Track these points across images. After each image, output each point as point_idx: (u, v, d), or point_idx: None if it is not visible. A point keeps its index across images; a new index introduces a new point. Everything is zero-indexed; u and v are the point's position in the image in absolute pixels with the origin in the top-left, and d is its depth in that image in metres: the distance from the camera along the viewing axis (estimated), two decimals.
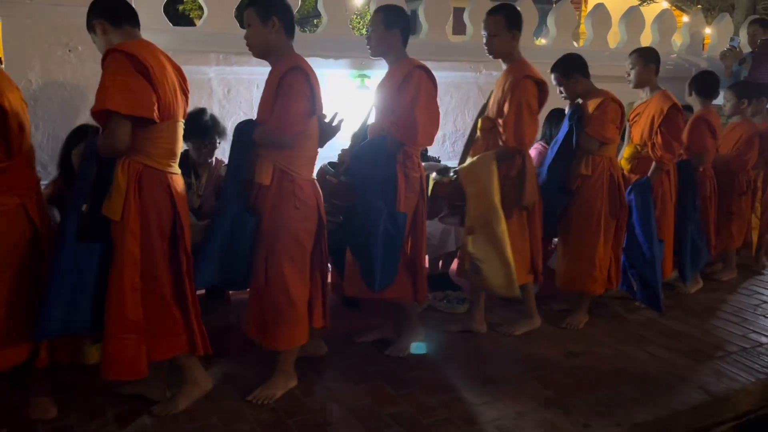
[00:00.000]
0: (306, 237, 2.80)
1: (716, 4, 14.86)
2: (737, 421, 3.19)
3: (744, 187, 4.67)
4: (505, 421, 2.75)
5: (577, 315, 3.82)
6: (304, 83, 2.66)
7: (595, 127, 3.54)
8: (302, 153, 2.76)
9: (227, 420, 2.68)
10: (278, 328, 2.79)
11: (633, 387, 3.09)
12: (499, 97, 3.38)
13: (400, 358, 3.29)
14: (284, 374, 2.91)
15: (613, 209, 3.66)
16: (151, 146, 2.47)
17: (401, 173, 3.06)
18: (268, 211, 2.73)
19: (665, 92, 3.84)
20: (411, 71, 3.03)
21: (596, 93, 3.63)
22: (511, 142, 3.31)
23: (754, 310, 4.20)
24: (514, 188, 3.37)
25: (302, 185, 2.76)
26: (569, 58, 3.71)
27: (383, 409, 2.82)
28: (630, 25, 6.05)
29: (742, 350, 3.57)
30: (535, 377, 3.15)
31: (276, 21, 2.67)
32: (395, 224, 3.00)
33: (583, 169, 3.61)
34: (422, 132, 3.03)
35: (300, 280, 2.80)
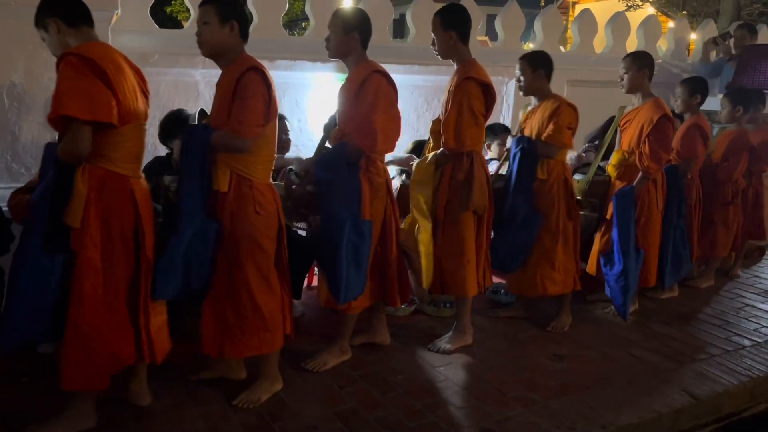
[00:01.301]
0: (268, 242, 2.75)
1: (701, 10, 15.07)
2: (720, 423, 3.23)
3: (729, 196, 4.61)
4: (490, 424, 2.76)
5: (561, 319, 3.82)
6: (261, 84, 2.61)
7: (555, 136, 3.51)
8: (260, 157, 2.69)
9: (213, 424, 2.67)
10: (244, 335, 2.72)
11: (618, 390, 3.12)
12: (445, 99, 3.34)
13: (389, 360, 3.29)
14: (268, 378, 2.89)
15: (569, 212, 3.67)
16: (112, 151, 2.41)
17: (365, 179, 2.99)
18: (228, 218, 2.66)
19: (657, 100, 3.81)
20: (368, 76, 2.95)
21: (550, 97, 3.61)
22: (450, 143, 3.24)
23: (736, 313, 4.24)
24: (461, 191, 3.31)
25: (261, 190, 2.71)
26: (542, 55, 3.68)
27: (369, 412, 2.82)
28: (616, 30, 6.10)
29: (725, 353, 3.60)
30: (521, 380, 3.16)
31: (235, 25, 2.64)
32: (360, 234, 2.94)
33: (540, 174, 3.59)
34: (382, 138, 2.94)
35: (266, 287, 2.74)
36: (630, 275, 3.76)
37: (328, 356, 3.21)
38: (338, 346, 3.26)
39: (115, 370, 2.52)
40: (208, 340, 2.75)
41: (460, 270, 3.36)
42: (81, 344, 2.39)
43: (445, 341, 3.48)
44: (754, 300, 4.50)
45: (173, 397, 2.82)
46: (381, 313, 3.44)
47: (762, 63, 5.60)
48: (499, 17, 5.49)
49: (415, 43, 4.89)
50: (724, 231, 4.67)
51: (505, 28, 5.46)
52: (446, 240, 3.36)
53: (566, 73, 5.61)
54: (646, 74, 3.83)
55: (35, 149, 3.57)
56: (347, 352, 3.27)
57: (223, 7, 2.62)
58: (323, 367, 3.16)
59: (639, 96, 3.87)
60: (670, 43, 6.64)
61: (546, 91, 3.64)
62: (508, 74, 5.30)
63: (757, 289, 4.75)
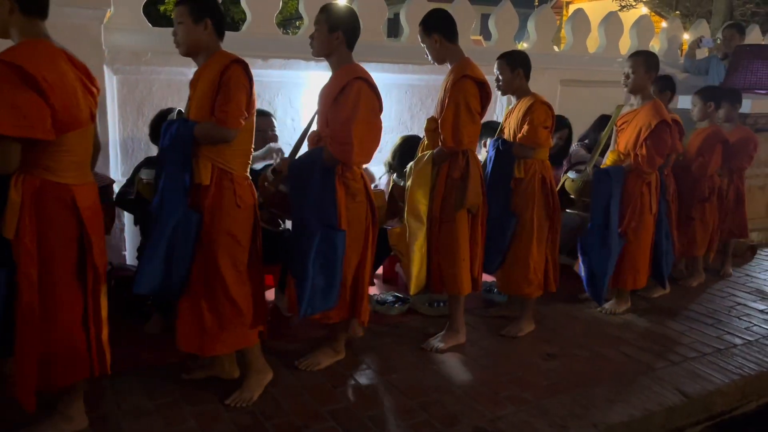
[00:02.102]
0: (245, 237, 2.74)
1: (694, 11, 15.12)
2: (712, 421, 3.25)
3: (706, 193, 4.61)
4: (483, 423, 2.77)
5: (520, 322, 3.73)
6: (244, 76, 2.62)
7: (529, 135, 3.49)
8: (240, 149, 2.70)
9: (205, 423, 2.67)
10: (222, 330, 2.71)
11: (609, 388, 3.13)
12: (441, 97, 3.31)
13: (382, 359, 3.30)
14: (257, 373, 2.89)
15: (546, 211, 3.64)
16: (50, 160, 2.26)
17: (341, 185, 2.92)
18: (207, 211, 2.64)
19: (656, 103, 3.80)
20: (350, 82, 2.85)
21: (528, 95, 3.59)
22: (449, 142, 3.23)
23: (728, 312, 4.26)
24: (457, 190, 3.31)
25: (242, 183, 2.71)
26: (520, 54, 3.67)
27: (362, 411, 2.82)
28: (609, 30, 6.12)
29: (716, 351, 3.62)
30: (513, 379, 3.17)
31: (209, 23, 2.63)
32: (332, 245, 2.87)
33: (516, 173, 3.58)
34: (358, 150, 2.83)
35: (240, 281, 2.73)
36: (612, 256, 3.79)
37: (321, 356, 3.20)
38: (332, 346, 3.24)
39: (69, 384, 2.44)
40: (186, 338, 2.74)
41: (454, 268, 3.36)
42: (27, 360, 2.29)
43: (438, 340, 3.48)
44: (745, 299, 4.52)
45: (166, 396, 2.81)
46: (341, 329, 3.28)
47: (754, 63, 5.63)
48: (492, 17, 5.49)
49: (409, 42, 4.89)
50: (701, 228, 4.66)
51: (498, 27, 5.47)
52: (441, 238, 3.36)
53: (559, 72, 5.64)
54: (652, 77, 3.83)
55: None
56: (341, 352, 3.27)
57: (196, 6, 2.62)
58: (317, 366, 3.15)
59: (639, 97, 3.86)
60: (663, 43, 6.67)
61: (524, 89, 3.62)
62: None
63: (748, 287, 4.77)
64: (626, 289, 4.11)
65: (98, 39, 3.66)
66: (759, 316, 4.20)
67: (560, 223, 3.78)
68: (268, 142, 3.76)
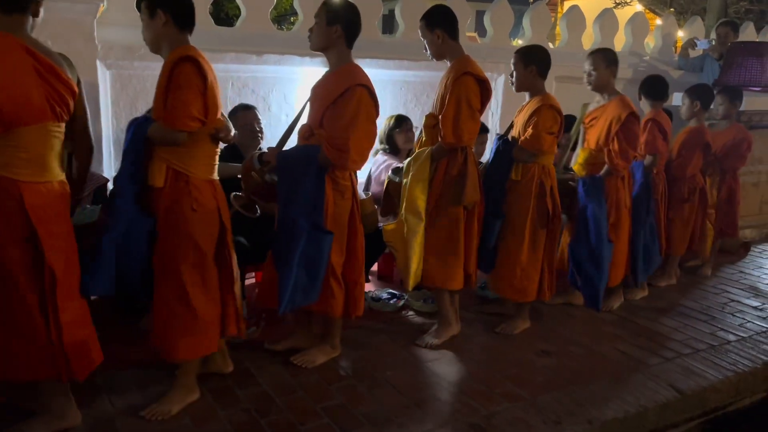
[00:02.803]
0: (206, 242, 2.63)
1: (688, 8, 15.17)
2: (706, 417, 3.26)
3: (686, 194, 4.57)
4: (478, 419, 2.77)
5: (515, 321, 3.73)
6: (195, 75, 2.48)
7: (531, 141, 3.43)
8: (198, 152, 2.59)
9: (199, 420, 2.66)
10: (178, 337, 2.62)
11: (604, 385, 3.13)
12: (441, 94, 3.28)
13: (376, 356, 3.29)
14: (183, 388, 2.75)
15: (540, 218, 3.54)
16: None
17: (329, 182, 2.93)
18: (163, 214, 2.57)
19: (623, 98, 3.77)
20: (352, 87, 2.84)
21: (541, 96, 3.51)
22: (449, 138, 3.21)
23: (722, 308, 4.28)
24: (455, 186, 3.29)
25: (199, 186, 2.59)
26: (536, 50, 3.59)
27: (356, 408, 2.82)
28: (604, 27, 6.12)
29: (710, 348, 3.63)
30: (508, 376, 3.17)
31: (161, 14, 2.53)
32: (318, 247, 2.86)
33: (513, 175, 3.53)
34: (355, 158, 2.87)
35: (202, 288, 2.63)
36: (604, 264, 3.75)
37: (317, 353, 3.20)
38: (328, 343, 3.24)
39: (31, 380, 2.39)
40: (153, 338, 2.70)
41: (447, 264, 3.36)
42: None
43: (431, 335, 3.49)
44: (739, 295, 4.54)
45: (160, 393, 2.79)
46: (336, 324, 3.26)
47: (748, 60, 5.64)
48: (488, 13, 5.49)
49: (404, 38, 4.88)
50: (680, 228, 4.62)
51: (494, 24, 5.46)
52: (436, 234, 3.34)
53: (554, 69, 5.56)
54: (614, 72, 3.80)
55: None
56: (337, 349, 3.27)
57: (147, 1, 2.55)
58: (312, 363, 3.15)
59: (605, 93, 3.83)
60: (658, 40, 6.67)
61: (537, 88, 3.55)
62: (497, 70, 5.30)
63: (742, 284, 4.79)
64: (613, 286, 4.07)
65: (91, 34, 3.63)
66: (752, 312, 4.21)
67: (559, 231, 3.74)
68: (254, 137, 3.75)
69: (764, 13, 13.96)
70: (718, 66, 6.02)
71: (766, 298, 4.48)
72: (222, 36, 4.22)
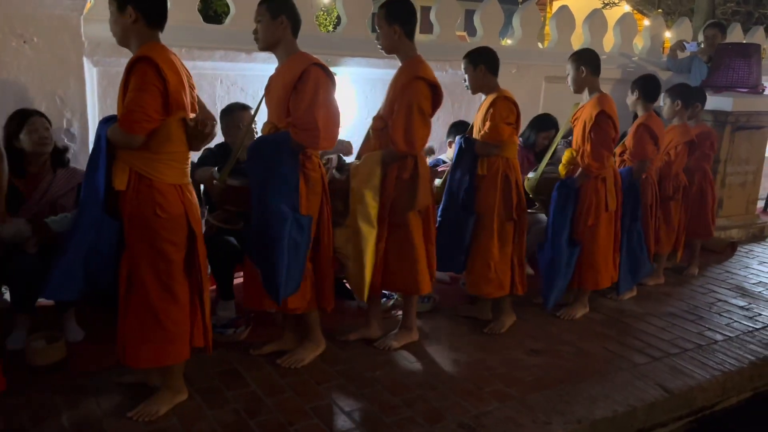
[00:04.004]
0: (171, 248, 2.54)
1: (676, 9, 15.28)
2: (693, 416, 3.28)
3: (670, 192, 4.57)
4: (468, 419, 2.77)
5: (500, 319, 3.72)
6: (153, 76, 2.39)
7: (490, 133, 3.43)
8: (161, 155, 2.49)
9: (187, 420, 2.64)
10: (141, 344, 2.56)
11: (593, 384, 3.14)
12: (391, 97, 3.18)
13: (366, 355, 3.28)
14: (170, 389, 2.73)
15: (507, 211, 3.55)
16: None
17: (301, 175, 2.89)
18: (127, 219, 2.50)
19: (600, 97, 3.71)
20: (307, 69, 2.81)
21: (494, 91, 3.53)
22: (401, 146, 3.10)
23: (709, 308, 4.30)
24: (406, 191, 3.21)
25: (164, 190, 2.51)
26: (482, 51, 3.59)
27: (346, 408, 2.81)
28: (593, 27, 6.15)
29: (697, 347, 3.65)
30: (498, 375, 3.17)
31: (131, 10, 2.47)
32: (301, 229, 2.83)
33: (479, 170, 3.52)
34: (324, 134, 2.82)
35: (167, 295, 2.56)
36: (557, 266, 3.74)
37: (303, 352, 3.18)
38: (311, 340, 3.21)
39: None
40: (117, 344, 2.62)
41: (412, 270, 3.28)
42: None
43: (391, 338, 3.42)
44: (726, 295, 4.57)
45: (147, 394, 2.77)
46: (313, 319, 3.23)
47: (735, 61, 5.69)
48: (478, 13, 5.50)
49: None
50: (665, 227, 4.62)
51: (483, 23, 5.47)
52: (395, 241, 3.26)
53: (544, 69, 5.65)
54: (589, 71, 3.73)
55: None
56: (321, 344, 3.24)
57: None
58: (299, 363, 3.13)
59: (586, 93, 3.79)
60: (646, 40, 6.71)
61: (491, 86, 3.56)
62: None
63: (729, 284, 4.82)
64: (586, 291, 4.02)
65: (78, 30, 3.59)
66: (739, 312, 4.24)
67: (526, 224, 3.71)
68: (254, 136, 3.71)
69: (751, 15, 14.08)
70: (706, 67, 6.07)
71: (752, 298, 4.52)
72: (211, 34, 4.19)
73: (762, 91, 5.79)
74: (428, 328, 3.67)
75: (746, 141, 5.84)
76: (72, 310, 3.30)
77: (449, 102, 5.06)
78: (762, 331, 3.93)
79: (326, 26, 21.22)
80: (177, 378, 2.75)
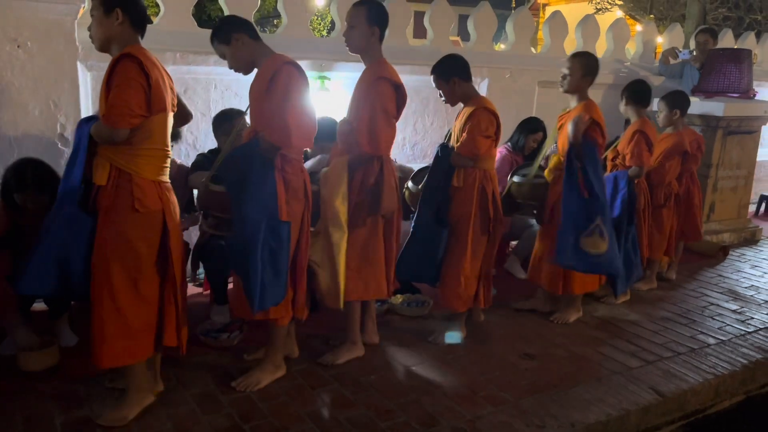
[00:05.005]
0: (143, 245, 2.54)
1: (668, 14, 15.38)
2: (686, 420, 3.29)
3: (662, 199, 4.59)
4: (462, 423, 2.77)
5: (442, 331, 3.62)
6: (136, 72, 2.42)
7: (467, 145, 3.34)
8: (142, 150, 2.51)
9: (182, 426, 2.63)
10: (103, 341, 2.51)
11: (587, 388, 3.15)
12: (356, 99, 3.13)
13: (360, 360, 3.28)
14: (137, 391, 2.68)
15: (483, 224, 3.46)
16: None
17: (280, 179, 2.80)
18: (103, 213, 2.51)
19: (587, 103, 3.64)
20: (279, 68, 2.75)
21: (474, 99, 3.44)
22: (365, 147, 3.05)
23: (701, 312, 4.32)
24: (372, 195, 3.14)
25: (143, 186, 2.52)
26: (449, 61, 3.48)
27: (340, 412, 2.81)
28: (586, 32, 6.18)
29: (690, 351, 3.67)
30: (492, 379, 3.18)
31: (119, 13, 2.47)
32: (277, 236, 2.75)
33: (455, 181, 3.42)
34: (296, 133, 2.74)
35: (132, 292, 2.53)
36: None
37: (260, 374, 3.00)
38: (271, 361, 3.05)
39: None
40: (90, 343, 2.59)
41: (364, 275, 3.21)
42: None
43: (332, 354, 3.28)
44: (718, 299, 4.59)
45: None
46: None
47: (726, 66, 5.73)
48: (471, 18, 5.52)
49: (388, 42, 4.88)
50: (657, 233, 4.63)
51: (477, 28, 5.50)
52: (353, 244, 3.17)
53: (537, 74, 5.68)
54: (589, 81, 3.68)
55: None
56: (281, 368, 3.09)
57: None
58: (255, 386, 2.96)
59: (575, 98, 3.72)
60: (638, 45, 6.76)
61: (468, 95, 3.47)
62: (480, 74, 5.33)
63: (721, 288, 4.85)
64: (575, 295, 3.98)
65: (72, 35, 3.59)
66: (731, 316, 4.27)
67: (500, 238, 3.64)
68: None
69: (742, 20, 14.18)
70: (698, 73, 6.10)
71: (744, 302, 4.55)
72: (205, 38, 4.14)
73: (753, 96, 5.84)
74: (422, 332, 3.67)
75: (737, 146, 5.88)
76: (65, 315, 3.30)
77: (444, 107, 5.08)
78: (754, 335, 3.95)
79: (320, 31, 21.25)
80: (141, 377, 2.69)
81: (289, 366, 3.14)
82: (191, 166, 3.67)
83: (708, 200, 5.79)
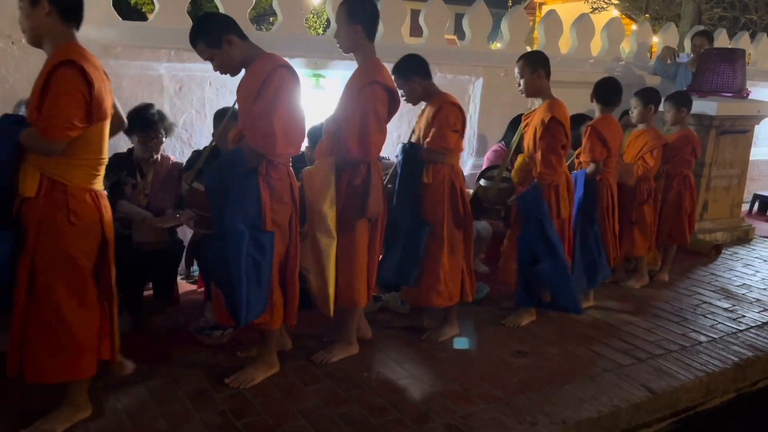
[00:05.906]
0: (83, 257, 2.42)
1: (663, 14, 15.42)
2: (677, 417, 3.32)
3: (645, 195, 4.58)
4: (454, 420, 2.79)
5: (442, 328, 3.62)
6: (77, 80, 2.26)
7: (437, 140, 3.31)
8: (78, 160, 2.37)
9: (174, 423, 2.64)
10: (51, 358, 2.40)
11: (578, 385, 3.17)
12: (346, 100, 3.06)
13: (353, 357, 3.30)
14: (73, 407, 2.58)
15: (456, 218, 3.46)
16: None
17: (264, 185, 2.71)
18: (35, 226, 2.34)
19: (552, 102, 3.58)
20: (272, 71, 2.64)
21: (436, 96, 3.40)
22: (355, 153, 2.98)
23: (693, 310, 4.35)
24: (358, 198, 3.09)
25: (78, 196, 2.38)
26: (407, 60, 3.44)
27: (333, 409, 2.82)
28: (581, 31, 6.20)
29: (682, 349, 3.69)
30: (484, 377, 3.20)
31: (46, 4, 2.29)
32: (260, 248, 2.68)
33: (425, 178, 3.38)
34: (282, 140, 2.63)
35: (78, 306, 2.42)
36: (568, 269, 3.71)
37: (254, 371, 3.00)
38: (264, 360, 3.04)
39: None
40: (9, 359, 2.42)
41: (352, 280, 3.17)
42: None
43: (327, 351, 3.28)
44: (710, 297, 4.62)
45: (134, 396, 2.77)
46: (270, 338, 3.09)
47: (720, 66, 5.75)
48: (466, 16, 5.53)
49: (385, 40, 4.89)
50: (641, 230, 4.63)
51: (472, 27, 5.51)
52: (342, 250, 3.12)
53: None
54: (542, 75, 3.60)
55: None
56: (275, 365, 3.08)
57: None
58: (249, 383, 2.94)
59: (540, 98, 3.65)
60: (633, 45, 6.78)
61: (430, 92, 3.42)
62: (475, 73, 5.34)
63: (713, 286, 4.87)
64: None
65: None
66: (723, 314, 4.29)
67: (473, 232, 3.63)
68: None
69: (737, 20, 14.23)
70: (691, 75, 6.13)
71: (736, 300, 4.57)
72: None
73: (746, 95, 5.86)
74: (413, 330, 3.69)
75: (731, 145, 5.91)
76: None
77: None
78: (745, 333, 3.98)
79: (316, 29, 21.22)
80: (81, 394, 2.59)
81: (283, 363, 3.15)
82: (186, 164, 3.68)
83: (701, 199, 5.82)
